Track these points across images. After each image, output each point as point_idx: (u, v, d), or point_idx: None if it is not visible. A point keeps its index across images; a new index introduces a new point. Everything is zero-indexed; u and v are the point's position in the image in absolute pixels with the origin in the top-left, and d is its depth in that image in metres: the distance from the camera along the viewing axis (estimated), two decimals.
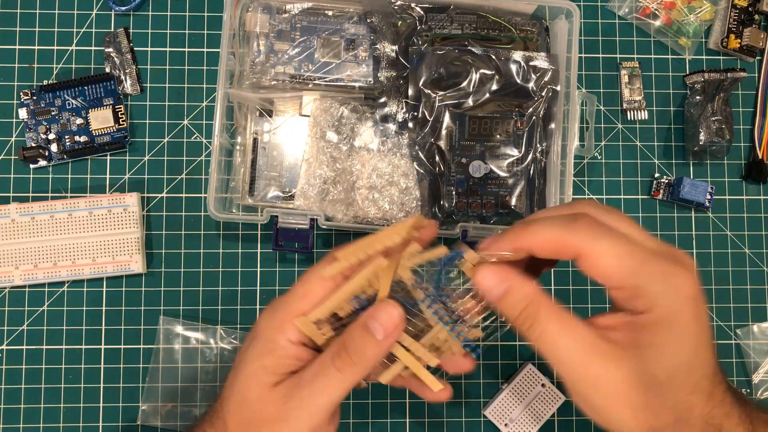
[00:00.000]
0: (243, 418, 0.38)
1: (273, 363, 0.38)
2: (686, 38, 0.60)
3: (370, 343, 0.37)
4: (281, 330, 0.38)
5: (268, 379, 0.38)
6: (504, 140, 0.54)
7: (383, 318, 0.36)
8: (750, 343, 0.57)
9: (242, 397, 0.38)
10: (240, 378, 0.38)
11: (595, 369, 0.33)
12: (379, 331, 0.36)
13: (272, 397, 0.37)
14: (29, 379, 0.54)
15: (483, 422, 0.56)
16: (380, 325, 0.36)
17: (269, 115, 0.55)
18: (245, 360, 0.39)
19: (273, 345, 0.38)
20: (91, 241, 0.54)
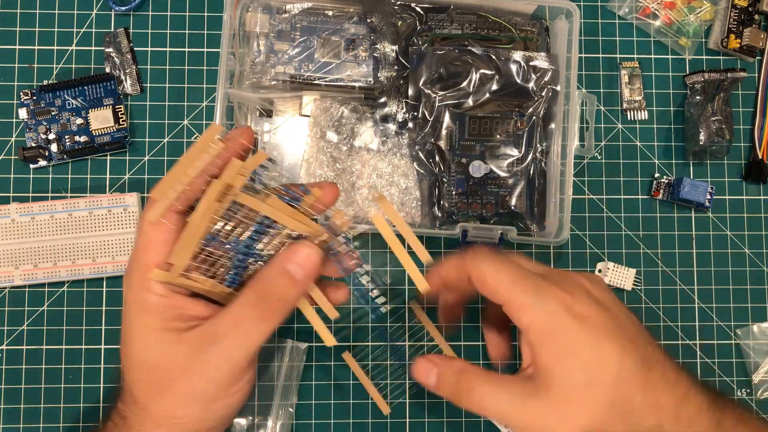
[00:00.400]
0: (152, 381, 0.37)
1: (157, 321, 0.36)
2: (686, 38, 0.60)
3: (292, 286, 0.36)
4: (145, 288, 0.36)
5: (163, 336, 0.36)
6: (504, 140, 0.54)
7: (301, 259, 0.36)
8: (750, 343, 0.57)
9: (144, 362, 0.37)
10: (133, 347, 0.37)
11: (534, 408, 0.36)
12: (298, 274, 0.36)
13: (179, 351, 0.36)
14: (29, 379, 0.54)
15: (483, 422, 0.56)
16: (300, 267, 0.36)
17: (269, 115, 0.55)
18: (128, 330, 0.37)
19: (146, 304, 0.36)
20: (91, 241, 0.54)
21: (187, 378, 0.36)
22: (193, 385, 0.36)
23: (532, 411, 0.36)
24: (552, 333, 0.36)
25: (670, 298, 0.58)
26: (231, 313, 0.36)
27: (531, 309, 0.36)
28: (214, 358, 0.36)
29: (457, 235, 0.53)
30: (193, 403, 0.37)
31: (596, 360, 0.35)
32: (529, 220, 0.54)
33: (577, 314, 0.36)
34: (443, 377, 0.39)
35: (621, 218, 0.59)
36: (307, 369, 0.55)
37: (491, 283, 0.38)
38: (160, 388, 0.37)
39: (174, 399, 0.36)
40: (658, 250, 0.58)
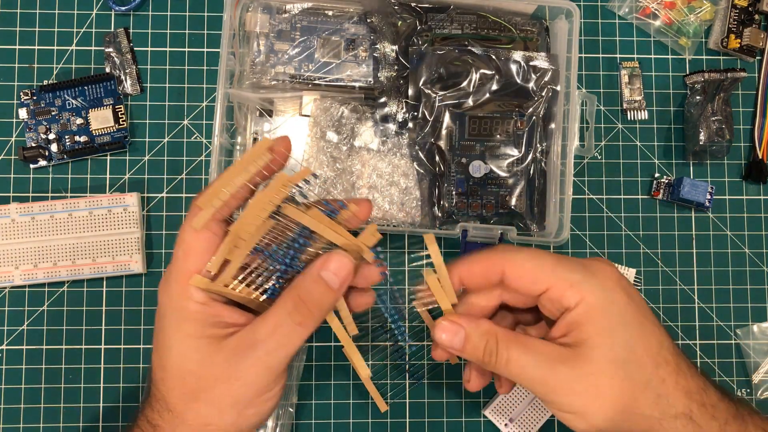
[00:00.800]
0: (188, 389, 0.37)
1: (195, 328, 0.37)
2: (686, 38, 0.60)
3: (328, 293, 0.36)
4: (185, 296, 0.37)
5: (201, 344, 0.37)
6: (504, 140, 0.54)
7: (336, 267, 0.36)
8: (750, 343, 0.57)
9: (182, 370, 0.37)
10: (171, 355, 0.37)
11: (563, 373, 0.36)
12: (334, 282, 0.36)
13: (218, 358, 0.36)
14: (29, 379, 0.54)
15: (483, 422, 0.56)
16: (334, 275, 0.36)
17: (269, 115, 0.55)
18: (165, 338, 0.37)
19: (185, 312, 0.37)
20: (91, 241, 0.54)
21: (225, 384, 0.36)
22: (230, 391, 0.37)
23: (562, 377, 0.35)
24: (603, 307, 0.36)
25: (670, 298, 0.58)
26: (269, 320, 0.37)
27: (582, 285, 0.36)
28: (252, 364, 0.36)
29: (457, 235, 0.53)
30: (229, 409, 0.37)
31: (640, 336, 0.36)
32: (529, 220, 0.54)
33: (627, 289, 0.37)
34: (471, 338, 0.38)
35: (621, 218, 0.59)
36: (307, 369, 0.55)
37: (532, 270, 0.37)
38: (197, 395, 0.37)
39: (210, 406, 0.37)
40: (658, 250, 0.58)
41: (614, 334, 0.36)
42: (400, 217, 0.54)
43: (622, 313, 0.36)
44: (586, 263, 0.38)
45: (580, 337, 0.36)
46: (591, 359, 0.35)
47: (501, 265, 0.38)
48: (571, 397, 0.36)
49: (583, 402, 0.36)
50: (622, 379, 0.35)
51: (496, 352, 0.37)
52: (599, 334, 0.36)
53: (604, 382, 0.35)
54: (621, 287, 0.37)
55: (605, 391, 0.35)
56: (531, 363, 0.36)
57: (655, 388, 0.35)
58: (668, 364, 0.36)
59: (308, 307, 0.36)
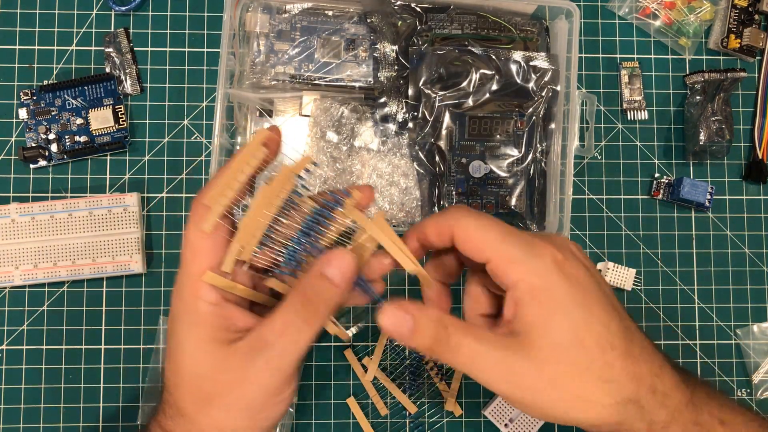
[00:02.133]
0: (202, 394, 0.37)
1: (207, 332, 0.36)
2: (686, 38, 0.60)
3: (332, 290, 0.36)
4: (195, 297, 0.36)
5: (213, 347, 0.36)
6: (504, 140, 0.54)
7: (339, 263, 0.36)
8: (750, 343, 0.57)
9: (194, 375, 0.37)
10: (183, 359, 0.37)
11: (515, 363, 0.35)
12: (337, 278, 0.36)
13: (229, 363, 0.36)
14: (29, 379, 0.54)
15: (483, 422, 0.56)
16: (338, 271, 0.36)
17: (269, 115, 0.55)
18: (177, 343, 0.37)
19: (197, 315, 0.36)
20: (91, 241, 0.54)
21: (238, 388, 0.36)
22: (243, 394, 0.36)
23: (512, 366, 0.35)
24: (542, 290, 0.35)
25: (670, 298, 0.58)
26: (277, 320, 0.37)
27: (522, 264, 0.35)
28: (263, 366, 0.36)
29: None
30: (242, 413, 0.37)
31: (584, 321, 0.35)
32: (529, 220, 0.54)
33: (568, 273, 0.36)
34: (419, 327, 0.36)
35: (621, 218, 0.59)
36: (307, 369, 0.55)
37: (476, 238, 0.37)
38: (210, 400, 0.37)
39: (224, 410, 0.37)
40: (658, 250, 0.58)
41: (556, 320, 0.35)
42: (400, 217, 0.54)
43: (563, 297, 0.35)
44: (534, 240, 0.37)
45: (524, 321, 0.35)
46: (537, 345, 0.35)
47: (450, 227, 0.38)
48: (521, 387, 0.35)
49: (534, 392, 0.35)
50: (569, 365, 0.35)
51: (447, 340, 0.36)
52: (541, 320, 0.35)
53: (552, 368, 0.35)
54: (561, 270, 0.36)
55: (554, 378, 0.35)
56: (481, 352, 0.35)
57: (601, 373, 0.35)
58: (614, 349, 0.35)
59: (314, 305, 0.36)
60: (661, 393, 0.36)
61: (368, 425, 0.55)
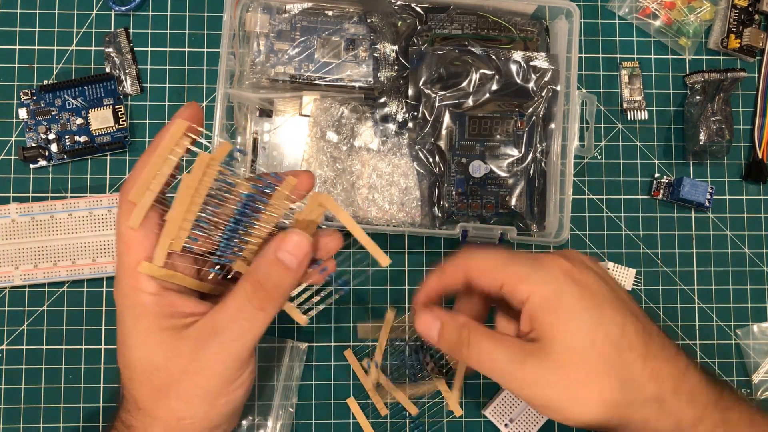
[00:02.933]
0: (155, 385, 0.36)
1: (152, 322, 0.36)
2: (686, 38, 0.60)
3: (286, 274, 0.36)
4: (135, 289, 0.36)
5: (162, 337, 0.36)
6: (504, 140, 0.54)
7: (292, 247, 0.36)
8: (750, 343, 0.57)
9: (145, 367, 0.36)
10: (133, 353, 0.37)
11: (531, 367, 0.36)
12: (292, 262, 0.36)
13: (181, 350, 0.36)
14: (29, 379, 0.54)
15: (483, 422, 0.56)
16: (292, 255, 0.36)
17: (269, 115, 0.55)
18: (125, 337, 0.37)
19: (139, 307, 0.36)
20: (91, 241, 0.54)
21: (192, 376, 0.36)
22: (197, 382, 0.36)
23: (530, 371, 0.36)
24: (553, 299, 0.36)
25: (670, 298, 0.58)
26: (228, 306, 0.36)
27: (530, 277, 0.37)
28: (216, 352, 0.36)
29: (457, 235, 0.53)
30: (199, 401, 0.37)
31: (598, 324, 0.36)
32: (529, 220, 0.54)
33: (577, 280, 0.37)
34: (445, 330, 0.39)
35: (621, 218, 0.59)
36: (307, 369, 0.55)
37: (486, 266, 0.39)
38: (166, 391, 0.36)
39: (180, 399, 0.36)
40: (658, 250, 0.58)
41: (569, 325, 0.36)
42: (400, 217, 0.54)
43: (574, 303, 0.36)
44: (538, 257, 0.39)
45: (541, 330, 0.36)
46: (553, 350, 0.36)
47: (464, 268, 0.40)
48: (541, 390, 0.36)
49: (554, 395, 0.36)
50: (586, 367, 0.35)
51: (468, 343, 0.38)
52: (555, 326, 0.36)
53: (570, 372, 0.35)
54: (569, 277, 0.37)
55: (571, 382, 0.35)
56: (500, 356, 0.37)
57: (619, 373, 0.35)
58: (632, 349, 0.36)
59: (267, 290, 0.36)
60: (686, 392, 0.36)
61: (368, 425, 0.55)
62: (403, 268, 0.57)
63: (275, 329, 0.56)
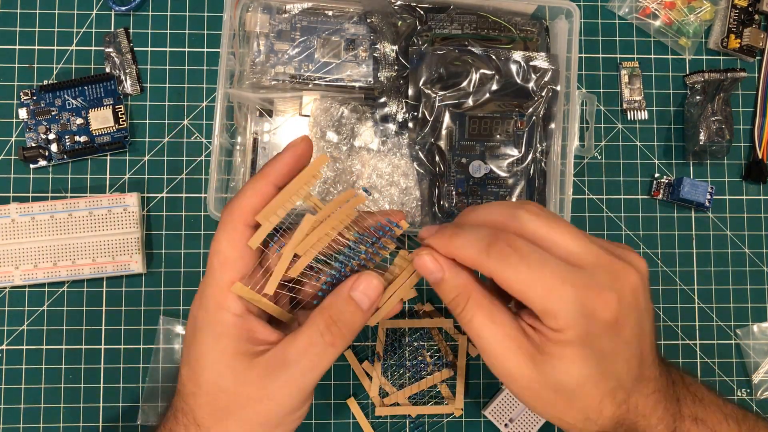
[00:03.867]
0: (219, 405, 0.37)
1: (231, 344, 0.37)
2: (686, 38, 0.60)
3: (358, 314, 0.37)
4: (221, 308, 0.37)
5: (236, 361, 0.36)
6: (504, 140, 0.54)
7: (366, 288, 0.37)
8: (750, 343, 0.57)
9: (215, 386, 0.37)
10: (204, 370, 0.37)
11: (512, 365, 0.35)
12: (364, 302, 0.37)
13: (250, 377, 0.36)
14: (29, 379, 0.54)
15: (483, 422, 0.56)
16: (365, 296, 0.37)
17: (269, 115, 0.55)
18: (199, 353, 0.37)
19: (222, 326, 0.37)
20: (91, 241, 0.54)
21: (256, 403, 0.36)
22: (261, 410, 0.37)
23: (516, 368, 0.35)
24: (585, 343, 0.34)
25: (670, 298, 0.58)
26: (301, 339, 0.37)
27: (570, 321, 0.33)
28: (284, 383, 0.36)
29: None
30: (258, 427, 0.37)
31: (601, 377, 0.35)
32: None
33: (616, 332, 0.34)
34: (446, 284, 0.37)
35: (621, 218, 0.59)
36: None
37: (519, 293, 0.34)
38: (228, 413, 0.37)
39: (240, 424, 0.37)
40: (658, 250, 0.58)
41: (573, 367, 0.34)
42: None
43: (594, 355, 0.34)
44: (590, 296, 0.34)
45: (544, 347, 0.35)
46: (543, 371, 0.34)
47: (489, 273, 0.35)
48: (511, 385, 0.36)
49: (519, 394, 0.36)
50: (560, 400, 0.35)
51: (463, 308, 0.36)
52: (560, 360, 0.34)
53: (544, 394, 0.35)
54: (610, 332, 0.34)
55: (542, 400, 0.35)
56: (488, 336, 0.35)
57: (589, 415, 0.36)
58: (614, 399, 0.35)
59: (339, 327, 0.37)
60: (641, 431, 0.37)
61: (368, 425, 0.55)
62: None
63: None
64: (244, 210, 0.37)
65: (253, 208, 0.37)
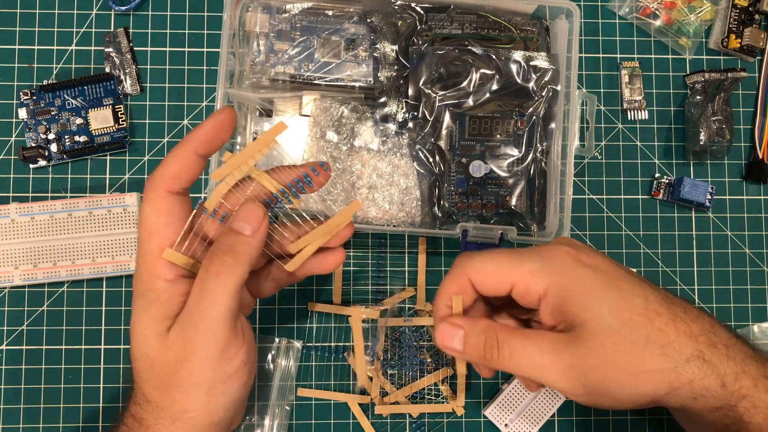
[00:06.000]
0: (157, 376, 0.37)
1: (161, 309, 0.37)
2: (686, 38, 0.60)
3: (240, 239, 0.37)
4: (153, 274, 0.37)
5: (162, 326, 0.36)
6: (504, 140, 0.54)
7: (247, 215, 0.37)
8: None
9: (146, 358, 0.37)
10: (138, 343, 0.37)
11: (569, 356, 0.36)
12: (246, 228, 0.37)
13: (171, 342, 0.36)
14: (29, 379, 0.54)
15: (483, 422, 0.56)
16: (244, 222, 0.37)
17: (269, 115, 0.55)
18: (133, 327, 0.37)
19: (153, 293, 0.37)
20: (90, 241, 0.54)
21: (183, 364, 0.36)
22: (189, 370, 0.36)
23: (569, 360, 0.35)
24: (572, 286, 0.36)
25: None
26: (194, 287, 0.37)
27: (542, 271, 0.36)
28: (194, 334, 0.36)
29: (457, 235, 0.53)
30: (195, 390, 0.37)
31: (621, 300, 0.36)
32: (529, 220, 0.54)
33: (588, 264, 0.37)
34: (470, 339, 0.37)
35: (621, 218, 0.58)
36: (307, 369, 0.55)
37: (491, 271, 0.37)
38: (167, 382, 0.37)
39: (179, 390, 0.36)
40: (658, 250, 0.58)
41: (595, 308, 0.35)
42: (400, 217, 0.54)
43: (593, 286, 0.36)
44: (541, 250, 0.38)
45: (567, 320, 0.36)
46: (586, 335, 0.35)
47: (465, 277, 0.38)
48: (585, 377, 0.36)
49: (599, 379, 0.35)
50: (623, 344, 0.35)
51: (498, 346, 0.37)
52: (581, 312, 0.36)
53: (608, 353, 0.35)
54: (580, 263, 0.37)
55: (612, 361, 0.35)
56: (536, 351, 0.36)
57: (656, 340, 0.35)
58: (660, 315, 0.36)
59: (220, 255, 0.36)
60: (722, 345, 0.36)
61: (369, 425, 0.55)
62: (403, 268, 0.57)
63: (275, 329, 0.56)
64: (165, 177, 0.37)
65: (174, 175, 0.37)
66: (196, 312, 0.36)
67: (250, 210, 0.37)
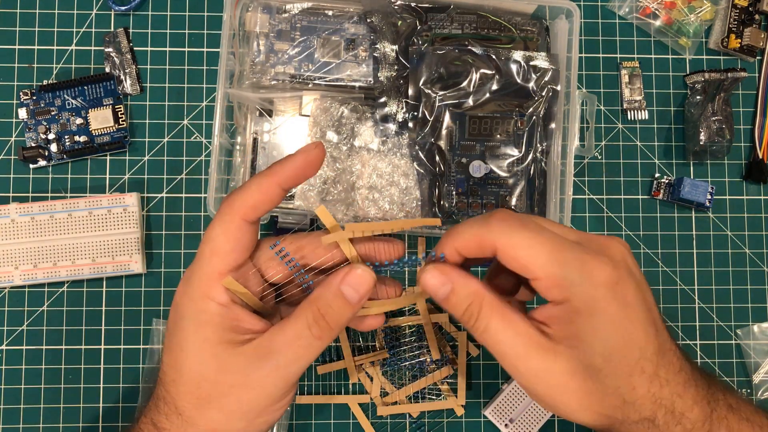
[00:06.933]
0: (202, 394, 0.36)
1: (214, 332, 0.36)
2: (686, 38, 0.60)
3: (347, 308, 0.36)
4: (207, 297, 0.36)
5: (219, 349, 0.36)
6: (504, 140, 0.54)
7: (357, 282, 0.36)
8: (750, 343, 0.57)
9: (197, 374, 0.37)
10: (187, 359, 0.37)
11: (535, 362, 0.35)
12: (353, 297, 0.36)
13: (234, 366, 0.36)
14: (29, 379, 0.54)
15: (483, 422, 0.56)
16: (355, 291, 0.36)
17: (269, 115, 0.55)
18: (181, 341, 0.37)
19: (206, 315, 0.36)
20: (90, 241, 0.54)
21: (240, 392, 0.36)
22: (244, 399, 0.36)
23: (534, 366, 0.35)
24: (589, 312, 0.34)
25: (670, 298, 0.58)
26: (287, 330, 0.36)
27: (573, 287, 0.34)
28: (268, 373, 0.36)
29: None
30: (239, 417, 0.37)
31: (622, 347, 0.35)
32: None
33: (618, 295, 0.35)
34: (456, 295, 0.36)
35: (621, 218, 0.58)
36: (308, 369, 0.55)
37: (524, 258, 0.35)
38: (210, 401, 0.36)
39: (222, 412, 0.36)
40: (658, 250, 0.58)
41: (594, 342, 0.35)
42: (400, 217, 0.54)
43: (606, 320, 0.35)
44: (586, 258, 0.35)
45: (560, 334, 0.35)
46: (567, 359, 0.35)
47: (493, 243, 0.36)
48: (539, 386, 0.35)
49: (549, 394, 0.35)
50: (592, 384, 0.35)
51: (477, 317, 0.36)
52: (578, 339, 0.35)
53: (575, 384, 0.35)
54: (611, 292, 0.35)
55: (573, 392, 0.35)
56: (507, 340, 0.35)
57: (623, 395, 0.35)
58: (643, 373, 0.35)
59: (327, 321, 0.36)
60: (679, 413, 0.36)
61: (368, 425, 0.55)
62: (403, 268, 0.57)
63: None
64: (245, 204, 0.36)
65: (254, 205, 0.36)
66: (281, 358, 0.36)
67: (363, 278, 0.36)
